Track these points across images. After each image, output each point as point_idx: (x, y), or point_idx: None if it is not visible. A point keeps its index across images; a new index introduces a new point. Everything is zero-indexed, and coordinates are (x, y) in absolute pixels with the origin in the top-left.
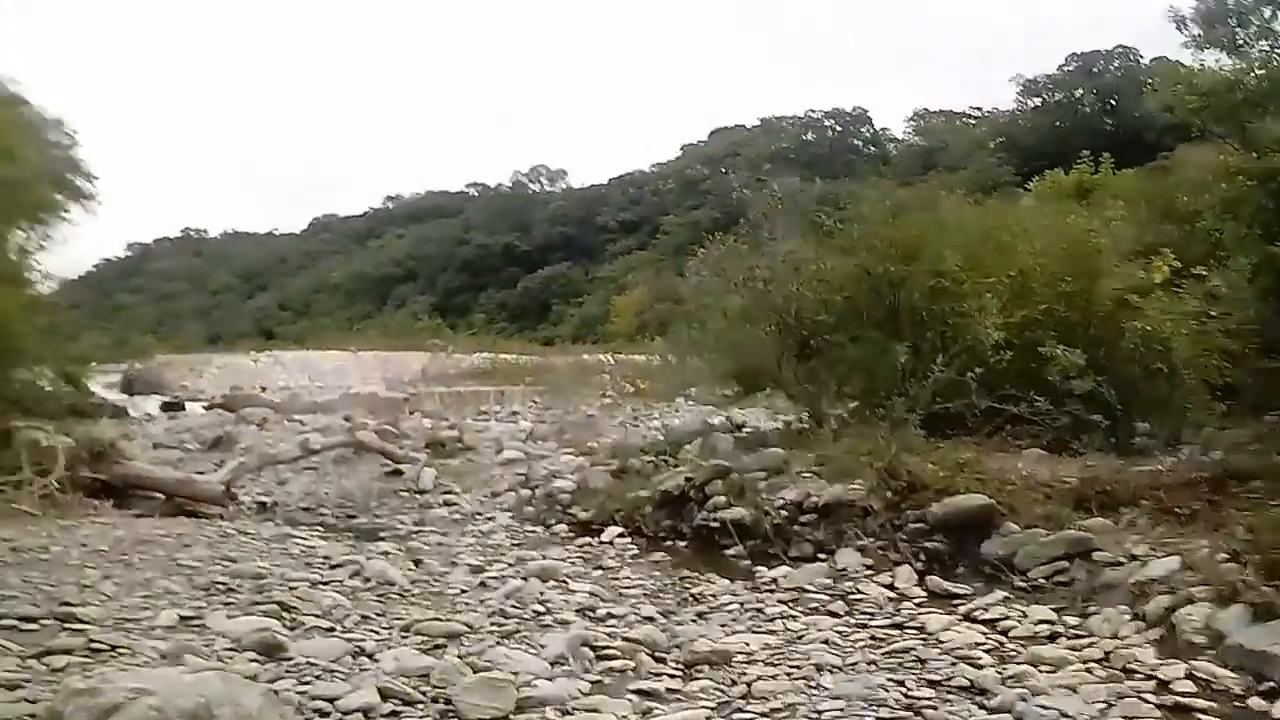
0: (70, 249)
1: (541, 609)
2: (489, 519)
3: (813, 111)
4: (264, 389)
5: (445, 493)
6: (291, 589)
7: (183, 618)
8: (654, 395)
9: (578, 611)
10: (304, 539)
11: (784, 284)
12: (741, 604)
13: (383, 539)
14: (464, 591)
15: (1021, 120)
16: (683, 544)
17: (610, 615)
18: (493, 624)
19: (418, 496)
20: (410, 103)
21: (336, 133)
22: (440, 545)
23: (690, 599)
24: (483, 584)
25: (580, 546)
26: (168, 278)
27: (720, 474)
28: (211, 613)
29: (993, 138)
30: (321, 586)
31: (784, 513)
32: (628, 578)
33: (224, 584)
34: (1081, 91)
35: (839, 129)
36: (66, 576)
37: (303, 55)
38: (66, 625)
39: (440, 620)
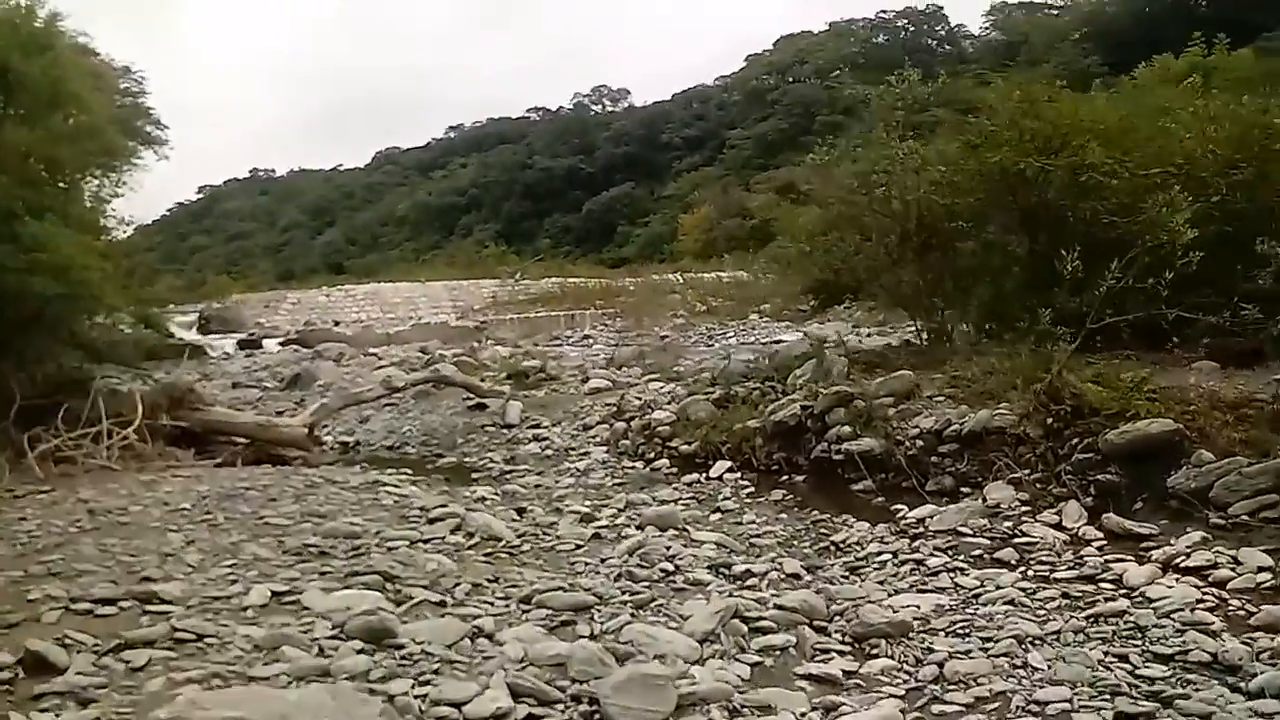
0: (143, 194)
1: (670, 567)
2: (583, 454)
3: (884, 12)
4: (337, 323)
5: (533, 426)
6: (389, 549)
7: (275, 594)
8: (726, 313)
9: (710, 568)
10: (394, 486)
11: (903, 186)
12: (894, 553)
13: (476, 481)
14: (578, 547)
15: (1109, 8)
16: (800, 478)
17: (749, 573)
18: (620, 589)
19: (504, 431)
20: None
21: (396, 66)
22: (539, 488)
23: (832, 548)
24: (596, 535)
25: (690, 485)
26: (238, 218)
27: (842, 400)
28: (307, 585)
29: (1077, 28)
30: (422, 547)
31: (919, 443)
32: (753, 522)
33: (316, 547)
34: None
35: (911, 29)
36: (147, 543)
37: None
38: (147, 607)
39: (564, 589)
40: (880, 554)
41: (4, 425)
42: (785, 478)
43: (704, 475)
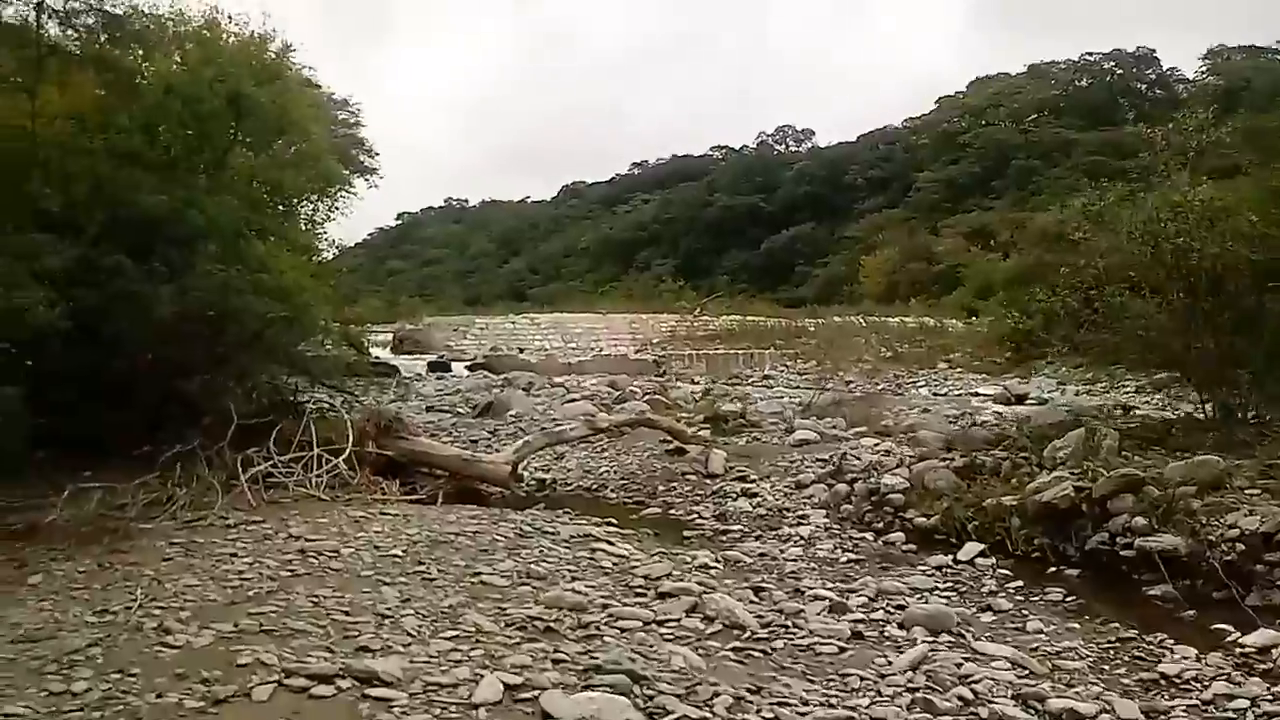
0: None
1: (967, 694)
2: (801, 518)
3: (1089, 54)
4: (521, 350)
5: (739, 479)
6: (622, 631)
7: (507, 687)
8: (913, 360)
9: (1019, 701)
10: (609, 544)
11: (1199, 237)
12: (1251, 700)
13: (689, 541)
14: (842, 651)
15: None
16: (1073, 573)
17: (1074, 714)
18: None
19: (708, 482)
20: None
21: (585, 104)
22: (764, 557)
23: (1162, 681)
24: (857, 635)
25: (940, 571)
26: (432, 244)
27: (1132, 485)
28: (541, 676)
29: None
30: (657, 630)
31: (1239, 546)
32: (1041, 633)
33: (541, 621)
34: None
35: (1119, 71)
36: (362, 598)
37: (551, 27)
38: (367, 691)
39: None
40: (1232, 698)
41: (220, 446)
42: (1052, 570)
43: (951, 557)
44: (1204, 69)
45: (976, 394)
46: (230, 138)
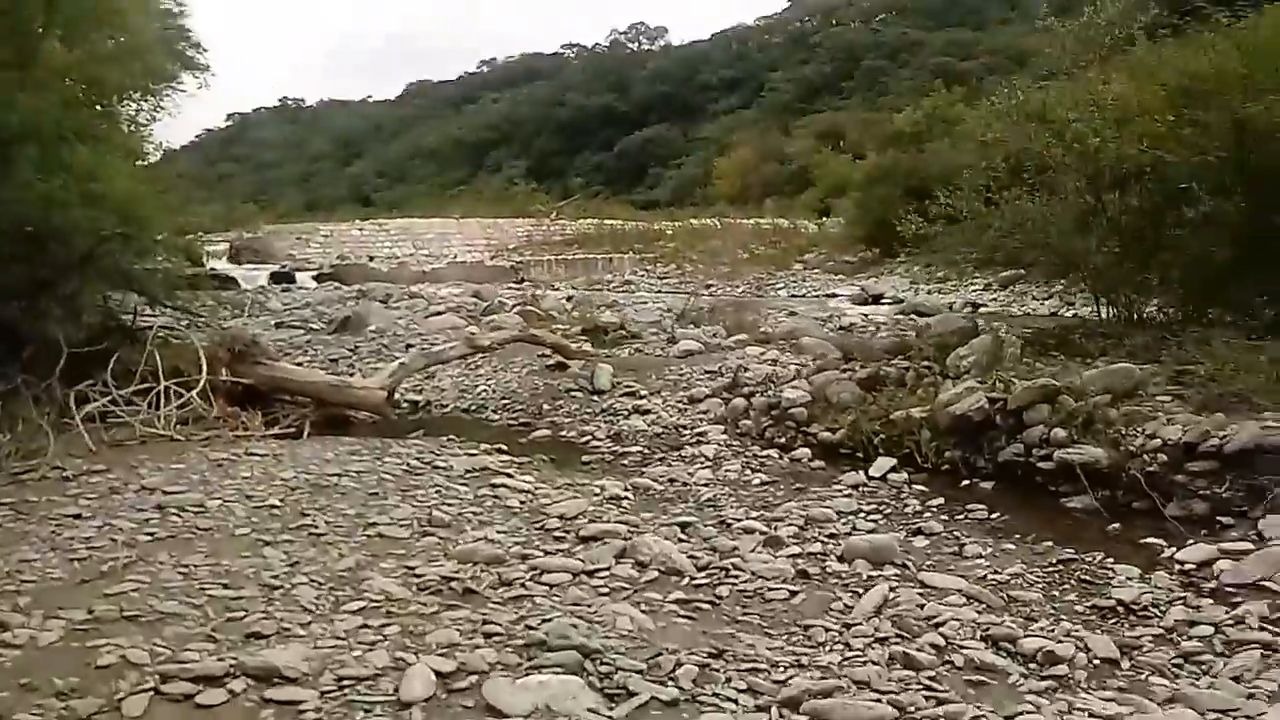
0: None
1: (939, 640)
2: (700, 435)
3: None
4: (371, 258)
5: (627, 394)
6: (552, 588)
7: (439, 675)
8: (770, 261)
9: (991, 644)
10: (508, 477)
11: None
12: (1214, 625)
13: (590, 466)
14: (793, 595)
15: None
16: (986, 485)
17: (1053, 655)
18: (899, 682)
19: (595, 399)
20: None
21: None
22: (674, 483)
23: (1120, 609)
24: (802, 574)
25: (857, 490)
26: (267, 147)
27: (1047, 395)
28: (478, 662)
29: None
30: (589, 585)
31: (1161, 458)
32: (980, 559)
33: (457, 582)
34: None
35: None
36: (242, 565)
37: None
38: (268, 694)
39: (840, 687)
40: (1193, 623)
41: (49, 382)
42: (966, 483)
43: (863, 474)
44: None
45: (834, 295)
46: (40, 28)
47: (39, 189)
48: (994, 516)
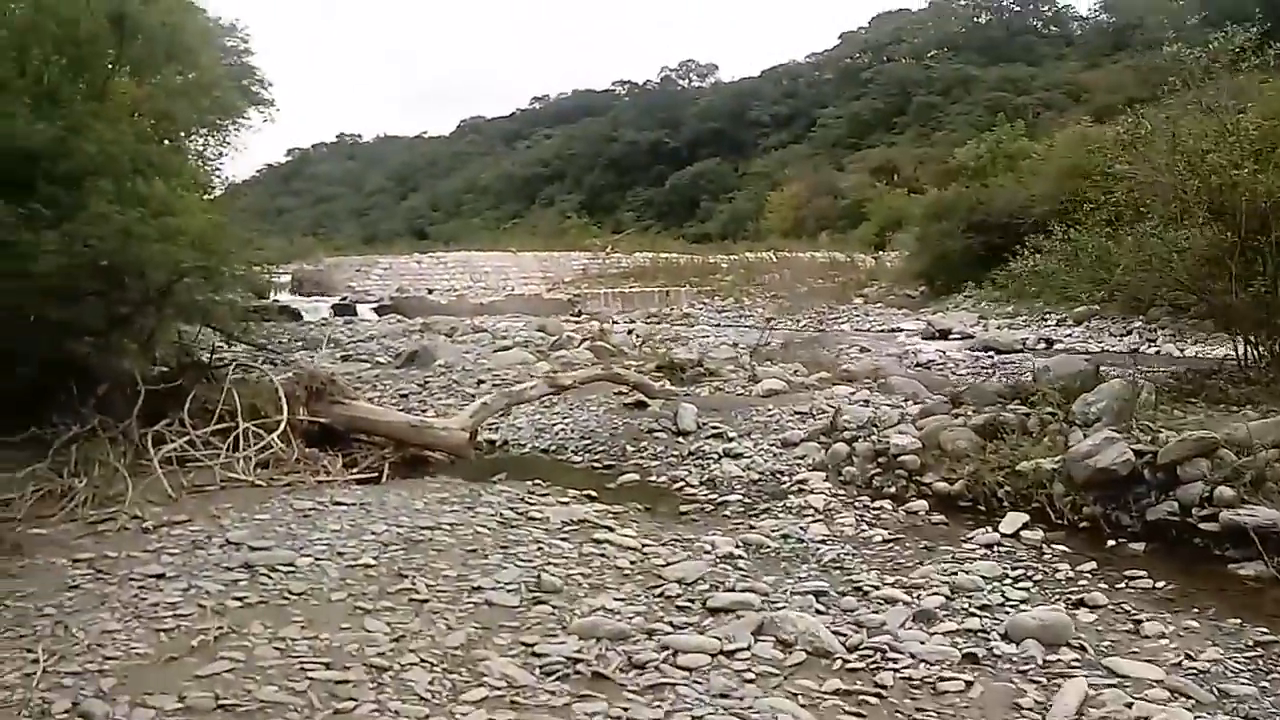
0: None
1: None
2: (800, 483)
3: None
4: (430, 290)
5: (714, 435)
6: (693, 679)
7: None
8: (830, 295)
9: None
10: (611, 530)
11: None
12: None
13: (690, 517)
14: (970, 686)
15: None
16: (1135, 546)
17: None
18: None
19: (680, 440)
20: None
21: (483, 37)
22: (787, 539)
23: None
24: (970, 657)
25: (989, 549)
26: (325, 181)
27: (1206, 449)
28: None
29: (1196, 11)
30: (731, 669)
31: None
32: (1164, 639)
33: (583, 663)
34: None
35: (1016, 9)
36: (342, 638)
37: None
38: None
39: None
40: None
41: (126, 423)
42: (1111, 543)
43: (993, 529)
44: (1097, 7)
45: (900, 329)
46: (113, 63)
47: (116, 222)
48: (1160, 586)
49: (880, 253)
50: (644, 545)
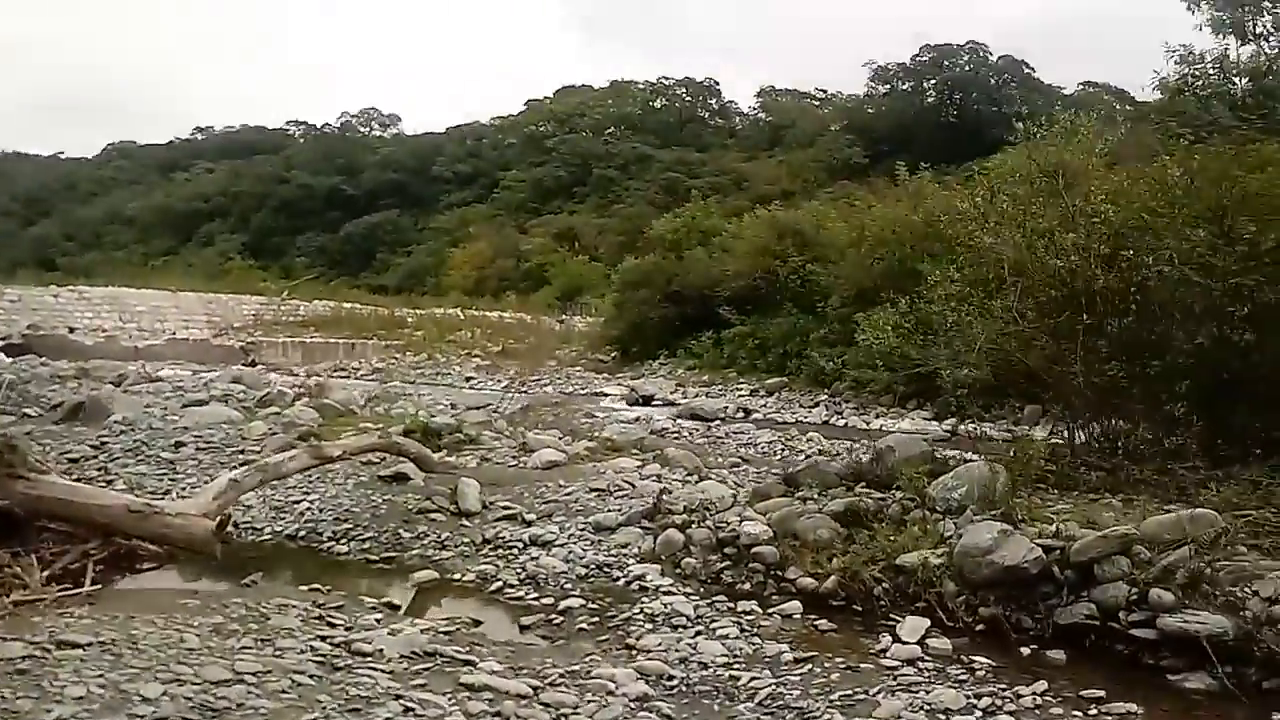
0: None
1: None
2: (638, 579)
3: (665, 78)
4: (71, 329)
5: (506, 516)
6: None
7: None
8: (525, 356)
9: None
10: (473, 668)
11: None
12: None
13: (531, 630)
14: None
15: (868, 108)
16: (1054, 654)
17: None
18: None
19: (465, 524)
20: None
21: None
22: (685, 663)
23: None
24: None
25: (911, 665)
26: None
27: (1125, 545)
28: None
29: (837, 120)
30: None
31: None
32: None
33: None
34: (933, 82)
35: (688, 99)
36: None
37: None
38: None
39: None
40: None
41: None
42: (1027, 650)
43: (885, 636)
44: (756, 105)
45: (604, 393)
46: None
47: None
48: (1116, 706)
49: (565, 316)
50: (538, 694)
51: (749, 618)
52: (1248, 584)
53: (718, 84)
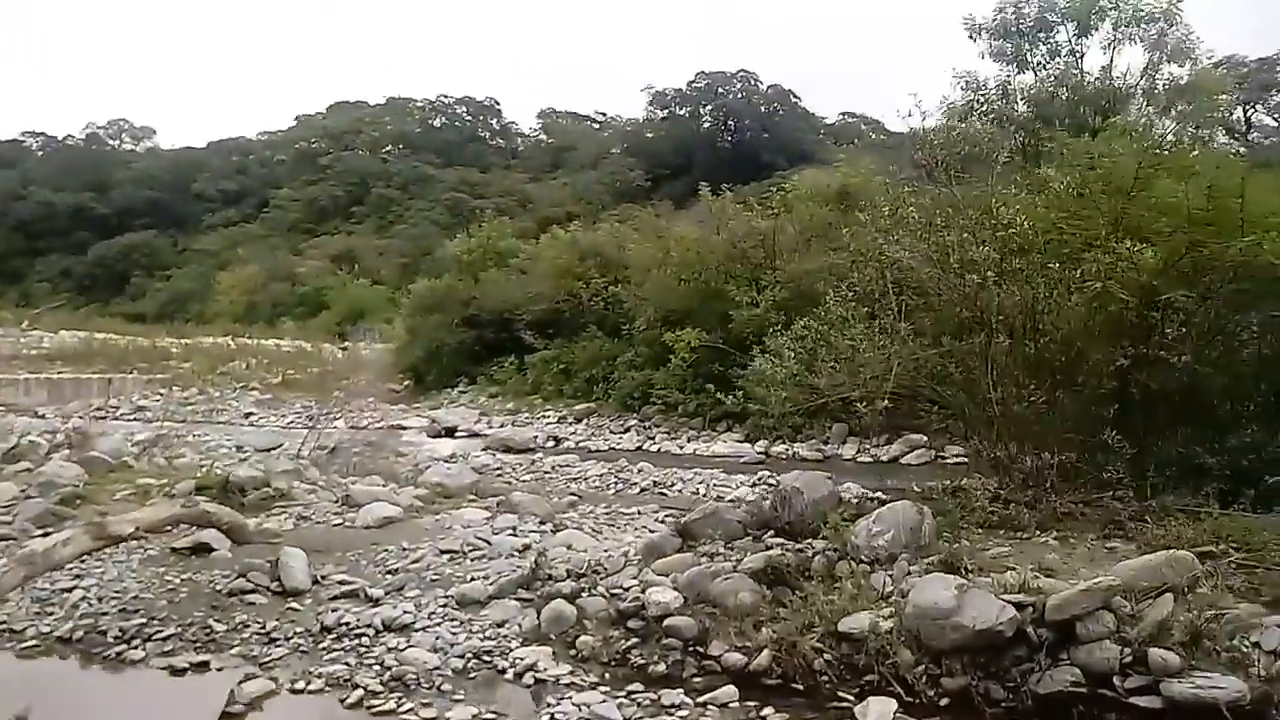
0: None
1: None
2: (530, 669)
3: (445, 96)
4: None
5: (345, 594)
6: None
7: None
8: (309, 387)
9: None
10: None
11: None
12: None
13: None
14: None
15: (648, 133)
16: None
17: None
18: None
19: (294, 606)
20: None
21: None
22: None
23: None
24: None
25: None
26: None
27: (1107, 599)
28: None
29: (618, 143)
30: None
31: None
32: None
33: None
34: (708, 108)
35: (470, 117)
36: None
37: None
38: None
39: None
40: None
41: None
42: None
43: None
44: (537, 126)
45: (403, 426)
46: None
47: None
48: None
49: (348, 343)
50: None
51: (681, 713)
52: (1244, 635)
53: (498, 104)
